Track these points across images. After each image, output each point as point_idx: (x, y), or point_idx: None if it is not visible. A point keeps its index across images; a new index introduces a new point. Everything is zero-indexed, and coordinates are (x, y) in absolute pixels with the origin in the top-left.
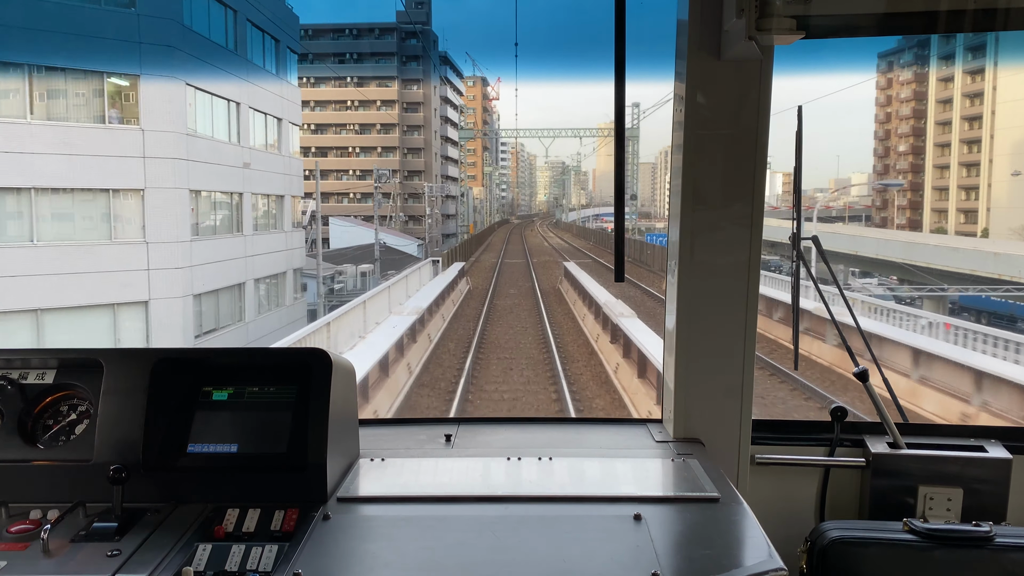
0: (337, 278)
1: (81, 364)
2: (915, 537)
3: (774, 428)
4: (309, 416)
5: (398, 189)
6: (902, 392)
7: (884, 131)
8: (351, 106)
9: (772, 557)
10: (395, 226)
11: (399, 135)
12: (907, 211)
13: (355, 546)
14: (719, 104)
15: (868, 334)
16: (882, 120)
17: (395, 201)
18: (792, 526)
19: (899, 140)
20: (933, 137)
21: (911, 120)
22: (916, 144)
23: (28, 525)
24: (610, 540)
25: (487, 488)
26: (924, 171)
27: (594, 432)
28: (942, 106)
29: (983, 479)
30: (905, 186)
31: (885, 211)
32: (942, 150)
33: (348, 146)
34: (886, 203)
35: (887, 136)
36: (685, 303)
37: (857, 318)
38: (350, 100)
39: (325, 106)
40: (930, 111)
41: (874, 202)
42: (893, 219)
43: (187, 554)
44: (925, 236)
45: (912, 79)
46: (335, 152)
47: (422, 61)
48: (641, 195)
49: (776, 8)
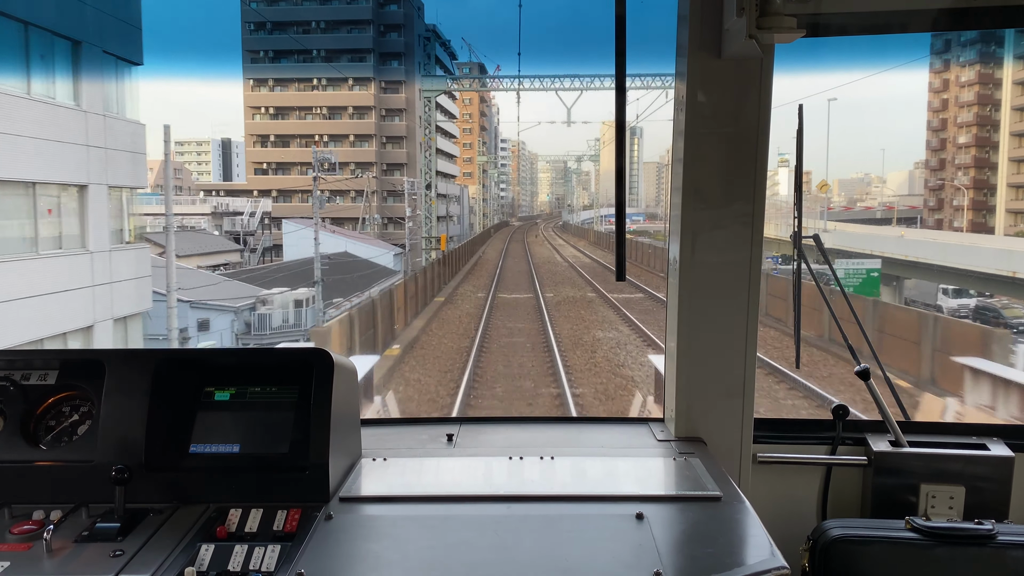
0: (258, 309)
1: (83, 365)
2: (917, 535)
3: (776, 427)
4: (311, 416)
5: (373, 185)
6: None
7: (939, 120)
8: (318, 85)
9: (774, 556)
10: (371, 231)
11: (375, 120)
12: (968, 212)
13: (358, 546)
14: (719, 103)
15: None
16: (937, 108)
17: (370, 201)
18: (794, 525)
19: (959, 131)
20: (1009, 125)
21: (975, 107)
22: (981, 135)
23: (31, 526)
24: (612, 539)
25: (489, 487)
26: (991, 166)
27: (596, 431)
28: (1021, 88)
29: (985, 477)
30: (964, 183)
31: (939, 212)
32: (1020, 140)
33: (314, 133)
34: (941, 203)
35: (943, 126)
36: (686, 302)
37: (858, 317)
38: (317, 79)
39: (287, 85)
40: (1005, 95)
41: (927, 201)
42: (949, 221)
43: (190, 554)
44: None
45: (976, 59)
46: (299, 141)
47: (404, 32)
48: (645, 195)
49: (777, 7)
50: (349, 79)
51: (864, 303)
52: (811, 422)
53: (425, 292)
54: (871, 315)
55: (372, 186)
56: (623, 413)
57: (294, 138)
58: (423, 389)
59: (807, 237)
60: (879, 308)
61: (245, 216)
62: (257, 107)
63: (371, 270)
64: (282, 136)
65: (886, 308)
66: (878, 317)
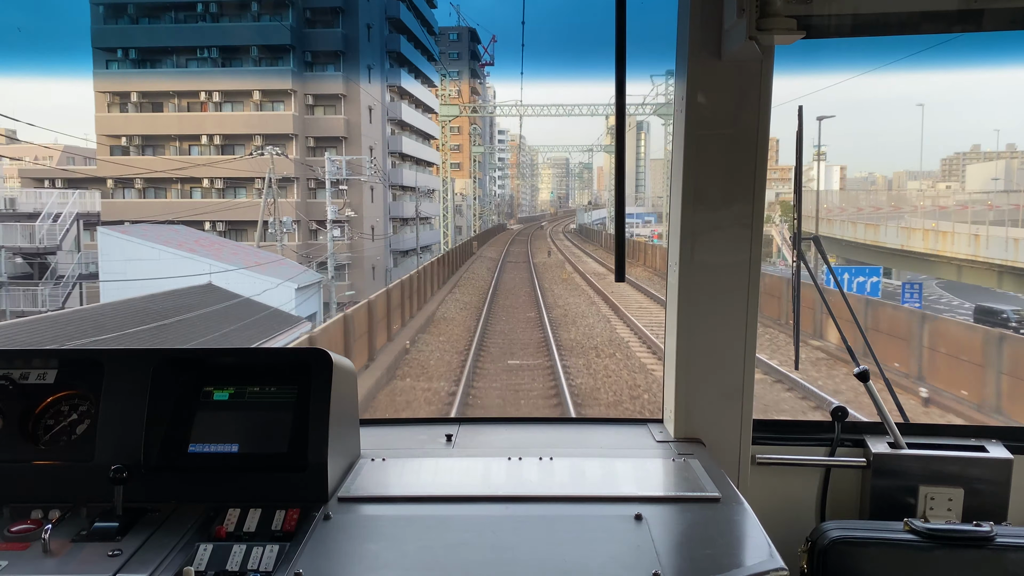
0: None
1: (82, 364)
2: (916, 537)
3: (775, 428)
4: (310, 416)
5: (292, 170)
6: None
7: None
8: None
9: (773, 557)
10: (280, 242)
11: (291, 70)
12: None
13: (356, 546)
14: (719, 104)
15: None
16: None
17: (275, 192)
18: (793, 526)
19: None
20: None
21: None
22: None
23: (29, 525)
24: (611, 540)
25: (488, 488)
26: None
27: (595, 432)
28: None
29: (984, 479)
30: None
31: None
32: None
33: (199, 90)
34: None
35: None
36: (685, 303)
37: (856, 318)
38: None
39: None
40: None
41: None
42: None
43: (188, 554)
44: None
45: None
46: (175, 101)
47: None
48: (652, 193)
49: (777, 8)
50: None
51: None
52: (810, 423)
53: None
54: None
55: (272, 168)
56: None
57: (170, 98)
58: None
59: (807, 238)
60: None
61: (41, 222)
62: (112, 49)
63: (241, 322)
64: (149, 93)
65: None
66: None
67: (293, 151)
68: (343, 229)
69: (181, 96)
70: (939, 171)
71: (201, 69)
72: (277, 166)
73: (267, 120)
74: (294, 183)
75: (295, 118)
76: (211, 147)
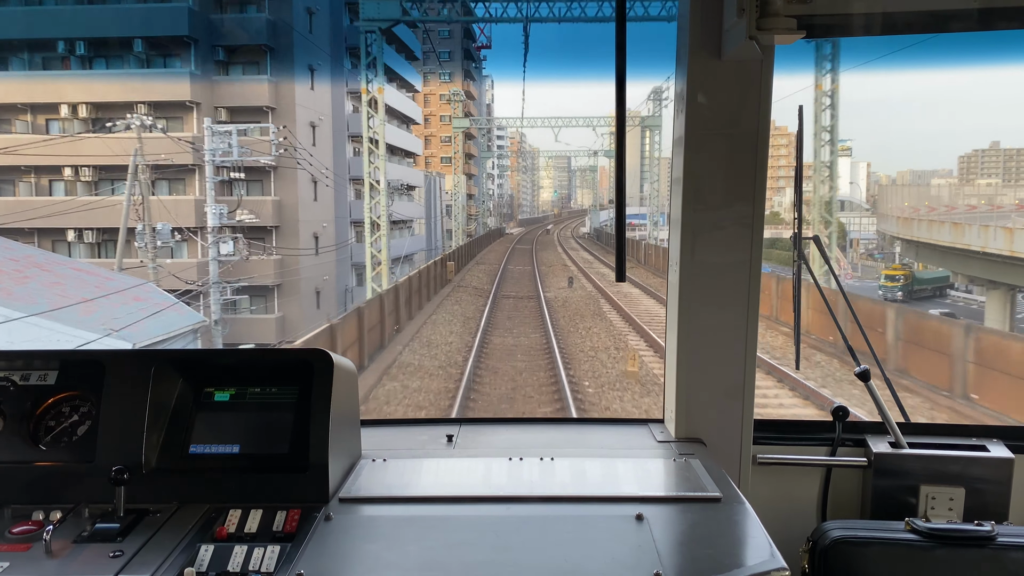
0: None
1: (83, 365)
2: (917, 537)
3: (775, 428)
4: (311, 417)
5: (143, 151)
6: None
7: None
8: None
9: (774, 557)
10: (152, 262)
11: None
12: None
13: (357, 547)
14: (719, 104)
15: None
16: None
17: (144, 185)
18: (794, 526)
19: None
20: None
21: None
22: None
23: (30, 526)
24: (612, 540)
25: (489, 488)
26: None
27: (595, 432)
28: None
29: (985, 479)
30: None
31: None
32: None
33: (56, 39)
34: None
35: None
36: (686, 303)
37: (857, 318)
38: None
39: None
40: None
41: None
42: None
43: (189, 555)
44: None
45: None
46: (23, 56)
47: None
48: (661, 191)
49: (777, 8)
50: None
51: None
52: (811, 423)
53: None
54: None
55: (140, 148)
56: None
57: (16, 52)
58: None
59: (807, 238)
60: None
61: None
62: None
63: None
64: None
65: None
66: None
67: (192, 126)
68: (238, 241)
69: (32, 49)
70: (954, 169)
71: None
72: (166, 147)
73: (155, 85)
74: (194, 173)
75: (195, 78)
76: (75, 121)
